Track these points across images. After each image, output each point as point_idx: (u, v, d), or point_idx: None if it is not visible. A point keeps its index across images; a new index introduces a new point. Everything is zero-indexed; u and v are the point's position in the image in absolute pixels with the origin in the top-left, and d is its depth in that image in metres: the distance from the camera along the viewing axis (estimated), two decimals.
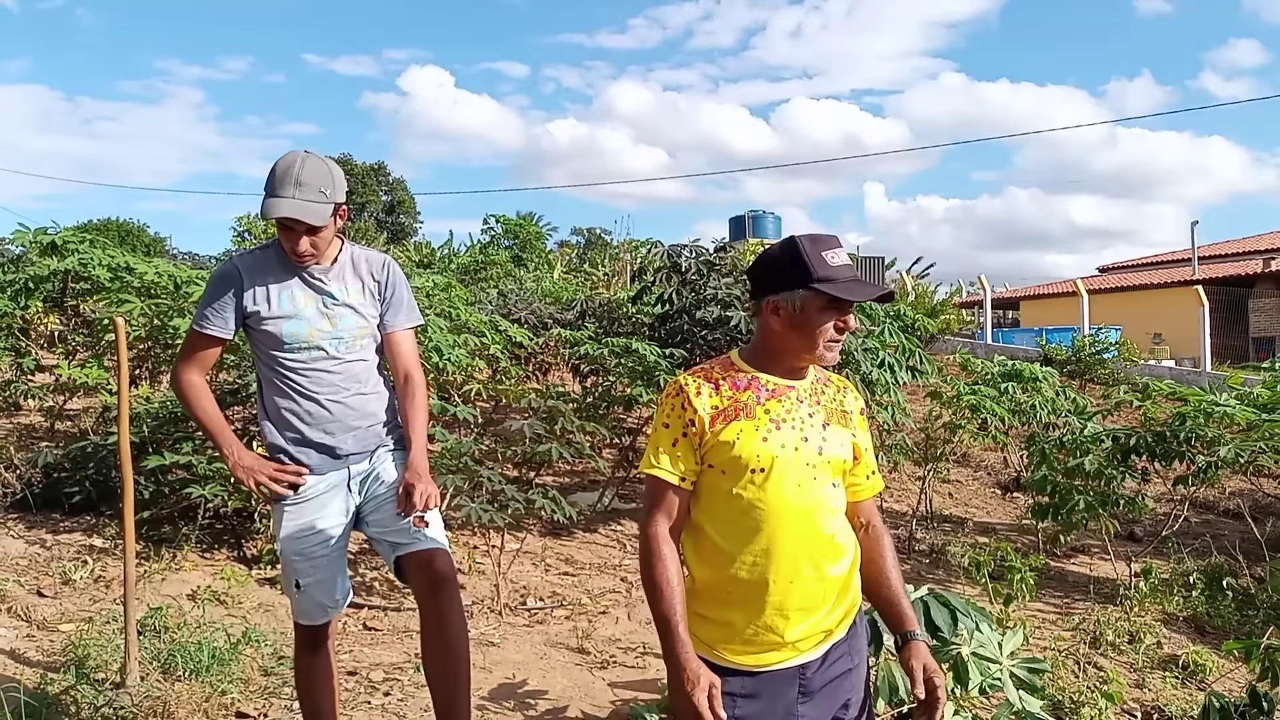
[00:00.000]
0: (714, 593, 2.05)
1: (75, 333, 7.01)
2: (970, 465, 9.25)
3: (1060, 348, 14.59)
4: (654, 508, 2.06)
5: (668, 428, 2.05)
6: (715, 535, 2.04)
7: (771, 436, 2.01)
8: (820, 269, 2.00)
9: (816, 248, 2.02)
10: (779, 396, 2.06)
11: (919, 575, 5.73)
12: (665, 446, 2.04)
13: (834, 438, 2.07)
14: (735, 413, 2.02)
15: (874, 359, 6.57)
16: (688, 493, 2.06)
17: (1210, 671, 4.41)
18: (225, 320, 2.63)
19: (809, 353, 2.05)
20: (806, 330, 2.03)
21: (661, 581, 1.99)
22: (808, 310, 2.02)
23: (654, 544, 2.02)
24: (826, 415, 2.09)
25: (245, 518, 5.03)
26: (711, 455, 2.02)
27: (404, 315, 2.77)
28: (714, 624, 2.05)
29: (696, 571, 2.08)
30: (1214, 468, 5.61)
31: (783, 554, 1.99)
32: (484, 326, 7.18)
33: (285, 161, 2.56)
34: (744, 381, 2.07)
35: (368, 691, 3.68)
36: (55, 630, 3.97)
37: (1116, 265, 30.83)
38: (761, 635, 2.02)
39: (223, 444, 2.67)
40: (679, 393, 2.06)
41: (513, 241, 19.01)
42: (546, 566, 5.44)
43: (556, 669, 4.01)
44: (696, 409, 2.02)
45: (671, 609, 1.98)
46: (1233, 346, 20.58)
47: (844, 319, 2.03)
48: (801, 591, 2.01)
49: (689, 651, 1.95)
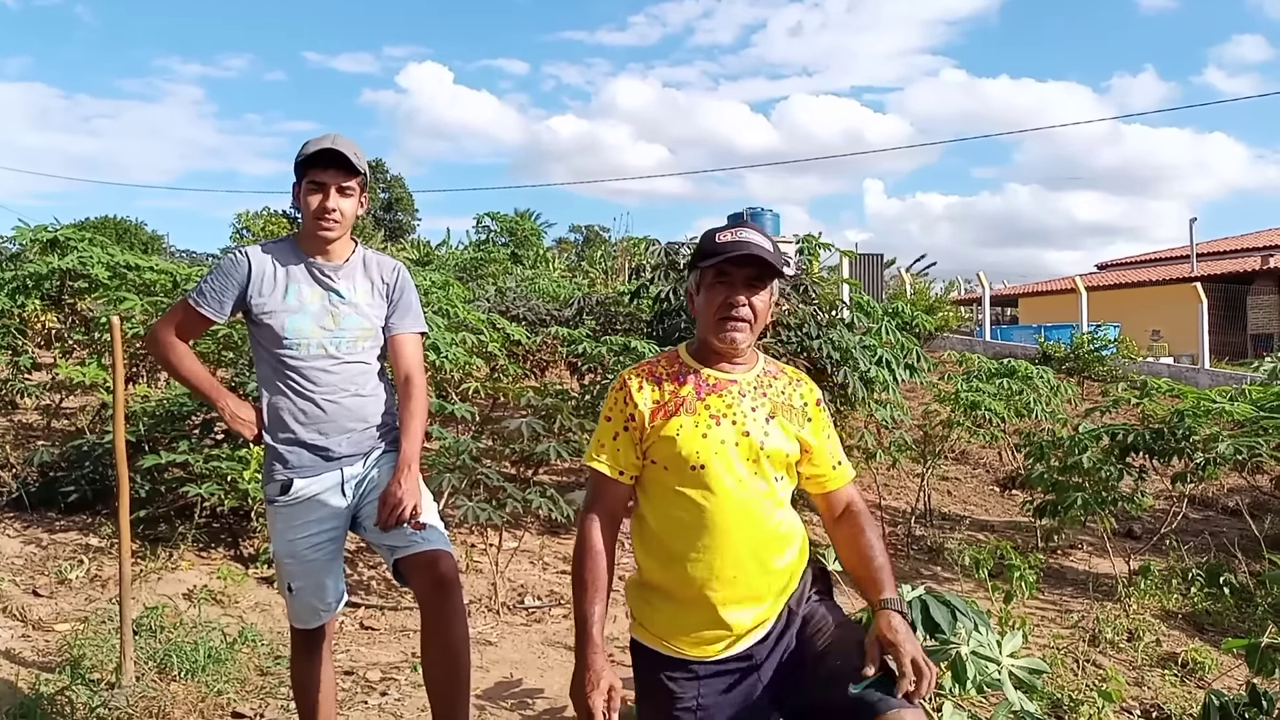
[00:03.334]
0: (661, 585, 2.06)
1: (73, 330, 6.99)
2: (969, 462, 9.24)
3: (1059, 345, 14.60)
4: (592, 501, 2.09)
5: (609, 421, 2.08)
6: (659, 529, 2.05)
7: (711, 432, 2.01)
8: (708, 247, 2.04)
9: (715, 232, 2.06)
10: (719, 391, 2.06)
11: (917, 572, 5.72)
12: (606, 440, 2.07)
13: (777, 431, 2.06)
14: (675, 408, 2.03)
15: (872, 356, 6.56)
16: (628, 487, 2.08)
17: (1209, 669, 4.40)
18: (221, 303, 2.62)
19: (711, 334, 2.06)
20: (702, 310, 2.07)
21: (587, 579, 2.02)
22: (701, 289, 2.06)
23: (586, 539, 2.06)
24: (772, 408, 2.08)
25: (242, 517, 5.01)
26: (653, 451, 2.04)
27: (410, 320, 2.76)
28: (664, 614, 2.06)
29: (644, 564, 2.10)
30: (1212, 464, 5.60)
31: (726, 547, 1.99)
32: (481, 324, 7.16)
33: (318, 137, 2.63)
34: (685, 376, 2.08)
35: (365, 691, 3.67)
36: (51, 630, 3.96)
37: (1115, 262, 30.82)
38: (710, 628, 2.02)
39: (215, 398, 2.67)
40: (622, 387, 2.09)
41: (509, 239, 18.98)
42: (544, 565, 5.43)
43: (554, 668, 4.00)
44: (637, 404, 2.04)
45: (591, 607, 2.00)
46: (1231, 344, 20.58)
47: (733, 295, 2.02)
48: (746, 583, 2.01)
49: (597, 653, 1.97)
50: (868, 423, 6.98)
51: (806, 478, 2.15)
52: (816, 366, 6.24)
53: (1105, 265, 30.85)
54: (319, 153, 2.56)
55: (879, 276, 21.32)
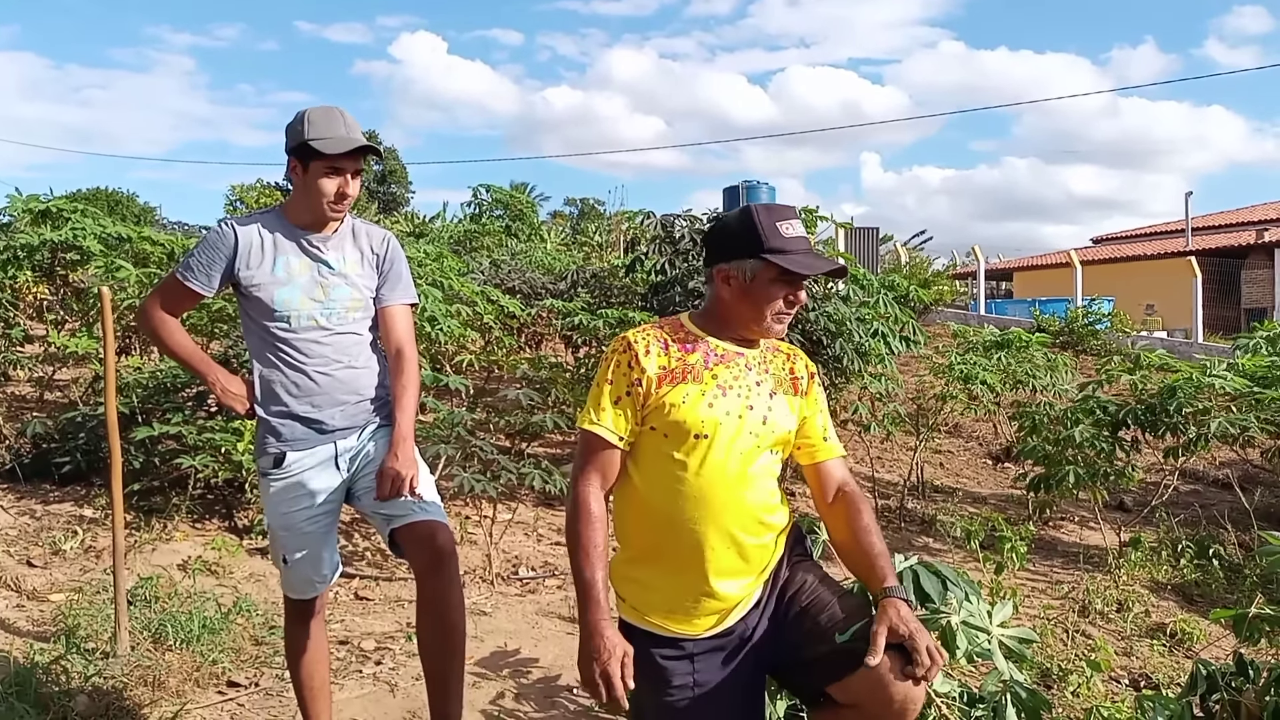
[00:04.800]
0: (650, 557, 2.03)
1: (65, 301, 6.96)
2: (962, 436, 9.27)
3: (1053, 319, 14.63)
4: (588, 465, 2.01)
5: (612, 384, 2.01)
6: (652, 498, 2.00)
7: (717, 402, 1.98)
8: (773, 239, 1.96)
9: (771, 218, 1.99)
10: (727, 362, 2.03)
11: (909, 544, 5.75)
12: (607, 404, 2.00)
13: (779, 406, 2.05)
14: (682, 375, 1.98)
15: (868, 329, 6.57)
16: (624, 453, 2.02)
17: (1197, 639, 4.45)
18: (209, 277, 2.60)
19: (756, 324, 2.02)
20: (756, 301, 2.00)
21: (587, 543, 1.96)
22: (758, 281, 1.99)
23: (583, 503, 1.98)
24: (775, 384, 2.07)
25: (236, 488, 5.02)
26: (654, 417, 1.98)
27: (400, 291, 2.74)
28: (651, 590, 2.03)
29: (633, 535, 2.06)
30: (1204, 439, 5.62)
31: (719, 519, 1.97)
32: (476, 296, 7.14)
33: (319, 110, 2.58)
34: (694, 344, 2.04)
35: (359, 660, 3.69)
36: (45, 600, 3.97)
37: (1110, 236, 30.83)
38: (699, 602, 2.00)
39: (205, 373, 2.67)
40: (627, 349, 2.01)
41: (504, 212, 18.90)
42: (539, 536, 5.45)
43: (549, 638, 4.02)
44: (645, 368, 1.98)
45: (594, 572, 1.94)
46: (1225, 318, 20.66)
47: (794, 293, 2.00)
48: (737, 554, 2.00)
49: (605, 619, 1.92)
50: (861, 395, 7.00)
51: (797, 446, 2.14)
52: (812, 339, 6.24)
53: (1100, 239, 30.87)
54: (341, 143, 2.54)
55: (874, 251, 21.29)
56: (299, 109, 2.61)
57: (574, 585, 2.00)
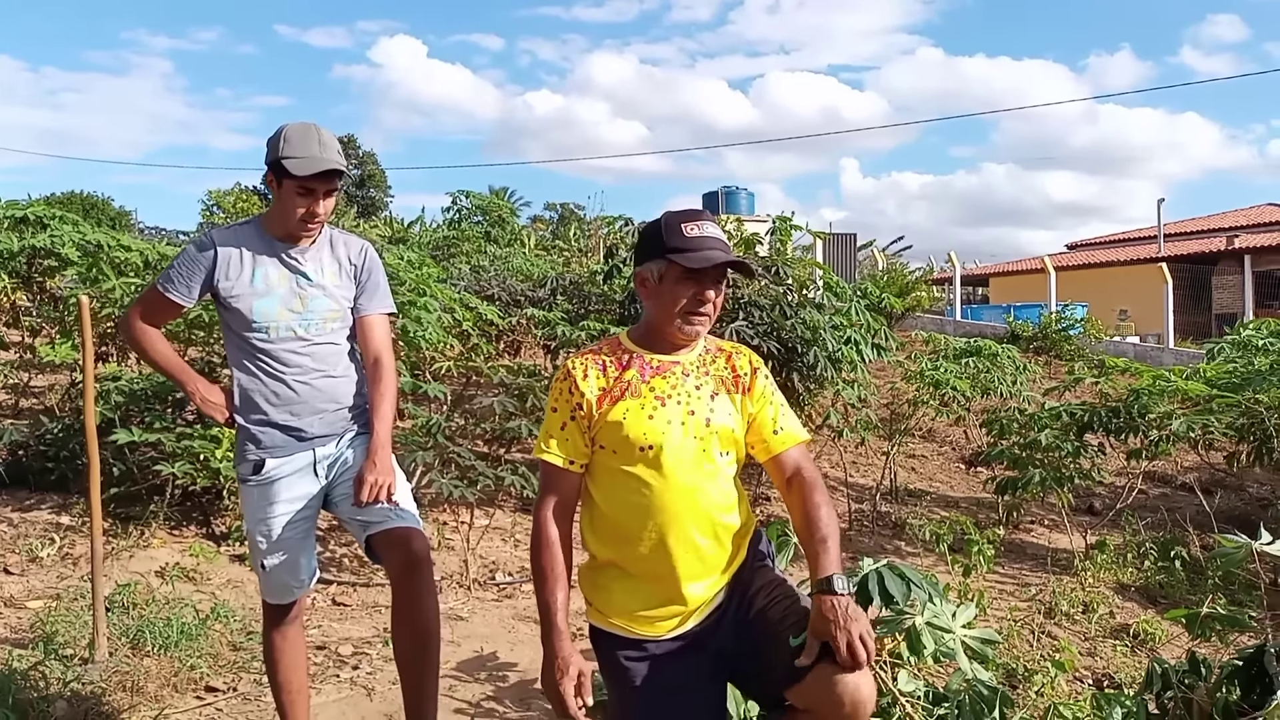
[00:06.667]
0: (615, 568, 2.11)
1: (42, 308, 6.93)
2: (935, 440, 9.39)
3: (1027, 324, 14.79)
4: (545, 492, 2.12)
5: (556, 412, 2.10)
6: (611, 513, 2.09)
7: (657, 414, 2.05)
8: (674, 239, 2.04)
9: (677, 220, 2.07)
10: (663, 373, 2.10)
11: (880, 548, 5.85)
12: (554, 430, 2.10)
13: (721, 407, 2.11)
14: (621, 393, 2.06)
15: (840, 336, 6.65)
16: (578, 475, 2.11)
17: (1159, 639, 4.56)
18: (189, 289, 2.65)
19: (669, 324, 2.08)
20: (664, 302, 2.07)
21: (546, 568, 2.06)
22: (665, 281, 2.06)
23: (542, 529, 2.08)
24: (716, 385, 2.13)
25: (214, 495, 5.04)
26: (601, 436, 2.07)
27: (378, 301, 2.79)
28: (617, 596, 2.11)
29: (597, 549, 2.13)
30: (1166, 441, 5.75)
31: (678, 526, 2.04)
32: (455, 303, 7.18)
33: (297, 127, 2.61)
34: (628, 360, 2.11)
35: (336, 665, 3.73)
36: (23, 607, 3.99)
37: (1085, 242, 31.16)
38: (665, 606, 2.08)
39: (185, 382, 2.71)
40: (566, 377, 2.11)
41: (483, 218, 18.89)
42: (516, 542, 5.50)
43: (525, 642, 4.08)
44: (583, 392, 2.07)
45: (552, 596, 2.04)
46: (1196, 323, 20.93)
47: (701, 291, 2.05)
48: (698, 559, 2.07)
49: (564, 640, 2.02)
50: (835, 401, 7.09)
51: (750, 445, 2.18)
52: (787, 347, 6.32)
53: (1075, 245, 31.18)
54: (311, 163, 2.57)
55: (852, 257, 21.45)
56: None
57: (536, 609, 2.09)
